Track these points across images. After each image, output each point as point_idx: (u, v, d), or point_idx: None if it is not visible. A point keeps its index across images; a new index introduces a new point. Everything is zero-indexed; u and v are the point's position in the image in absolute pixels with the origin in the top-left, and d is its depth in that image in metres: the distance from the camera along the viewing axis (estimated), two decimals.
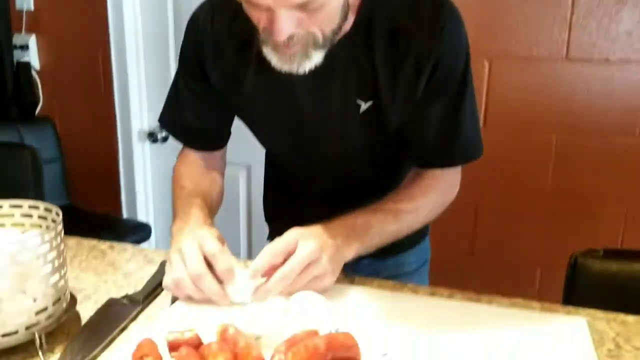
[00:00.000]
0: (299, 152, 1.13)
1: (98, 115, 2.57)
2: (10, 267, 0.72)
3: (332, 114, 1.02)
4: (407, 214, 1.02)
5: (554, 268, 2.12)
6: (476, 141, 1.05)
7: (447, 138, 1.02)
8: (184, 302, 0.88)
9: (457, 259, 2.23)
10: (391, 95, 0.97)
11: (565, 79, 1.97)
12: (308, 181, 1.17)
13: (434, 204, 1.07)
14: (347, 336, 0.67)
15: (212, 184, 1.15)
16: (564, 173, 2.05)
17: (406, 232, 1.05)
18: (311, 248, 0.86)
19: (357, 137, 1.04)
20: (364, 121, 1.00)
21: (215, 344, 0.70)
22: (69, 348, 0.77)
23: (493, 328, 0.83)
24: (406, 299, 0.93)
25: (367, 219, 0.99)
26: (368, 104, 0.98)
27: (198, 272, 0.84)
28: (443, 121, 1.00)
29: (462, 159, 1.06)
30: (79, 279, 1.01)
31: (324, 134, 1.05)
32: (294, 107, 1.02)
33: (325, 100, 1.00)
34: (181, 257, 0.87)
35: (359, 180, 1.13)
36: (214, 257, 0.86)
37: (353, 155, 1.09)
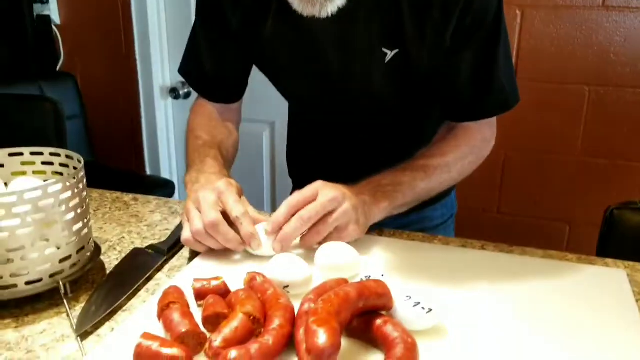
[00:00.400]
0: (322, 104, 1.09)
1: (119, 71, 2.54)
2: (32, 214, 0.71)
3: (355, 63, 0.97)
4: (438, 170, 0.98)
5: (584, 225, 2.08)
6: (510, 90, 0.99)
7: (479, 88, 0.97)
8: (204, 257, 0.86)
9: (483, 215, 2.20)
10: (418, 42, 0.92)
11: (602, 28, 1.88)
12: (332, 135, 1.14)
13: (466, 159, 1.02)
14: (379, 284, 0.64)
15: (228, 136, 1.12)
16: (596, 126, 1.98)
17: (438, 190, 1.01)
18: (333, 194, 0.83)
19: (383, 87, 1.00)
20: (390, 70, 0.95)
21: (243, 292, 0.68)
22: (94, 296, 0.76)
23: (529, 279, 0.80)
24: (437, 250, 0.90)
25: (395, 177, 0.95)
26: (394, 52, 0.93)
27: (213, 219, 0.81)
28: (475, 70, 0.95)
29: (496, 110, 1.00)
30: (103, 229, 0.99)
31: (348, 84, 1.01)
32: (316, 55, 0.98)
33: (348, 48, 0.96)
34: (198, 208, 0.84)
35: (384, 135, 1.09)
36: (237, 220, 0.82)
37: (378, 107, 1.05)
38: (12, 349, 0.66)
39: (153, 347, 0.58)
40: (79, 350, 0.65)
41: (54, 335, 0.68)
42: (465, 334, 0.66)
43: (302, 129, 1.23)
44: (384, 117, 1.07)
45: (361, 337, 0.64)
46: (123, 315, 0.72)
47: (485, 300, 0.74)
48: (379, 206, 0.91)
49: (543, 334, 0.67)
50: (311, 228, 0.82)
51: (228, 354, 0.56)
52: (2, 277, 0.71)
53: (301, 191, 0.84)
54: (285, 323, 0.62)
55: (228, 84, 1.13)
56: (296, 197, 0.83)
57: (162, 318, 0.65)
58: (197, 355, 0.61)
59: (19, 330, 0.69)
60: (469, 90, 0.97)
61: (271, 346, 0.58)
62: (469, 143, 1.02)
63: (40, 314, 0.73)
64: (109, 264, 0.86)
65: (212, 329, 0.64)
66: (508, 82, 0.98)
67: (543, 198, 2.12)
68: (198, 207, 0.84)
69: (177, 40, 2.49)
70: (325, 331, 0.55)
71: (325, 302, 0.60)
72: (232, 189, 0.86)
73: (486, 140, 1.04)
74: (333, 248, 0.79)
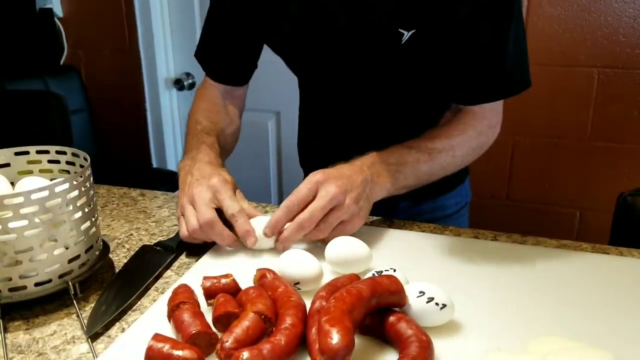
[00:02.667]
0: (336, 86, 1.07)
1: (123, 63, 2.53)
2: (39, 215, 0.70)
3: (370, 44, 0.95)
4: (442, 153, 0.96)
5: (594, 210, 2.06)
6: (519, 74, 0.96)
7: (486, 70, 0.94)
8: (212, 254, 0.86)
9: (492, 202, 2.18)
10: (435, 22, 0.90)
11: (610, 9, 1.85)
12: (344, 120, 1.12)
13: (471, 144, 1.00)
14: (391, 280, 0.63)
15: (228, 124, 1.12)
16: (606, 109, 1.96)
17: (440, 174, 0.99)
18: (332, 193, 0.81)
19: (399, 69, 0.98)
20: (407, 52, 0.93)
21: (253, 290, 0.67)
22: (104, 296, 0.75)
23: (544, 270, 0.79)
24: (449, 241, 0.89)
25: (401, 156, 0.93)
26: (411, 32, 0.91)
27: (208, 218, 0.82)
28: (483, 51, 0.93)
29: (501, 93, 0.98)
30: (110, 227, 0.99)
31: (363, 65, 0.99)
32: (330, 33, 0.97)
33: (363, 29, 0.94)
34: (193, 205, 0.85)
35: (399, 119, 1.07)
36: (232, 218, 0.83)
37: (394, 89, 1.03)
38: (24, 351, 0.65)
39: (164, 349, 0.57)
40: (90, 351, 0.65)
41: (64, 337, 0.68)
42: (480, 329, 0.65)
43: (314, 115, 1.21)
44: (400, 100, 1.05)
45: (375, 335, 0.63)
46: (133, 315, 0.72)
47: (500, 293, 0.73)
48: (382, 185, 0.90)
49: (560, 326, 0.66)
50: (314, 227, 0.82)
51: (240, 355, 0.55)
52: (11, 279, 0.70)
53: (298, 189, 0.83)
54: (297, 322, 0.61)
55: (237, 64, 1.13)
56: (293, 199, 0.82)
57: (172, 318, 0.64)
58: (209, 356, 0.60)
59: (30, 333, 0.69)
60: (476, 72, 0.95)
61: (283, 346, 0.58)
62: (475, 128, 1.00)
63: (50, 315, 0.72)
64: (118, 262, 0.86)
65: (223, 329, 0.63)
66: (517, 66, 0.96)
67: (552, 184, 2.10)
68: (193, 204, 0.85)
69: (180, 32, 2.47)
70: (338, 331, 0.54)
71: (338, 300, 0.59)
72: (227, 186, 0.87)
73: (491, 126, 1.02)
74: (343, 243, 0.78)
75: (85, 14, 2.52)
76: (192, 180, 0.89)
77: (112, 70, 2.57)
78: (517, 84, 0.97)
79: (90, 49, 2.58)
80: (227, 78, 1.14)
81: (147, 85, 2.54)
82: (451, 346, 0.62)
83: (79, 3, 2.52)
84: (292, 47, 1.06)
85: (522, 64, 0.97)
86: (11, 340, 0.67)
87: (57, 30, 2.54)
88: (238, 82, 1.15)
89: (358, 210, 0.85)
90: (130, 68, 2.53)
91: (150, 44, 2.47)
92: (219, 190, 0.85)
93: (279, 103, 2.31)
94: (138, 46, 2.49)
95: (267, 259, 0.82)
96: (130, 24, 2.47)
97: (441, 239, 0.89)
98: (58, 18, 2.53)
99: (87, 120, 2.47)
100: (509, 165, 2.13)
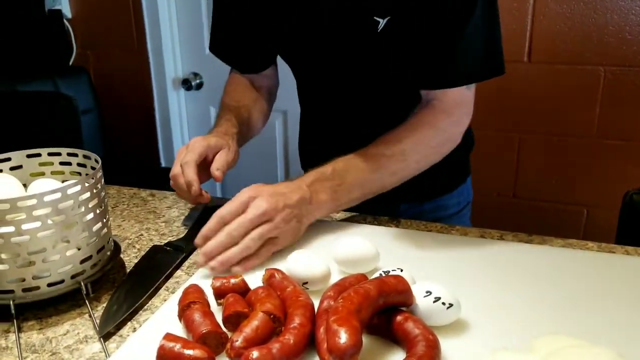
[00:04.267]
0: (324, 80, 1.09)
1: (131, 63, 2.55)
2: (52, 216, 0.71)
3: (347, 32, 0.96)
4: (391, 159, 0.93)
5: (601, 208, 2.06)
6: (482, 61, 0.92)
7: (439, 51, 0.91)
8: None
9: (498, 200, 2.18)
10: (408, 9, 0.89)
11: (617, 7, 1.85)
12: (335, 116, 1.13)
13: (429, 144, 0.96)
14: (398, 280, 0.64)
15: (254, 100, 1.16)
16: (612, 107, 1.95)
17: (394, 181, 0.95)
18: (262, 208, 0.80)
19: (379, 57, 0.97)
20: (383, 40, 0.93)
21: (262, 290, 0.68)
22: (115, 296, 0.77)
23: (550, 270, 0.79)
24: (455, 241, 0.90)
25: (344, 168, 0.90)
26: (386, 19, 0.91)
27: (173, 173, 0.94)
28: (439, 32, 0.90)
29: (458, 79, 0.92)
30: (121, 227, 1.00)
31: (343, 54, 1.00)
32: (312, 23, 0.99)
33: (339, 16, 0.95)
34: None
35: (386, 114, 1.05)
36: (182, 168, 0.93)
37: (378, 78, 1.02)
38: (37, 351, 0.67)
39: (175, 348, 0.58)
40: (102, 351, 0.66)
41: (77, 337, 0.69)
42: (487, 328, 0.66)
43: (309, 112, 1.23)
44: (385, 93, 1.04)
45: (382, 334, 0.64)
46: (144, 315, 0.73)
47: (506, 293, 0.74)
48: (321, 204, 0.88)
49: (566, 325, 0.67)
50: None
51: (250, 354, 0.56)
52: (25, 280, 0.72)
53: (231, 202, 0.82)
54: (305, 321, 0.62)
55: (252, 53, 1.16)
56: (224, 211, 0.82)
57: (183, 318, 0.66)
58: (219, 355, 0.62)
59: (43, 332, 0.70)
60: (429, 54, 0.92)
61: (292, 345, 0.59)
62: (433, 125, 0.95)
63: (63, 315, 0.74)
64: (129, 262, 0.87)
65: (233, 328, 0.64)
66: (480, 52, 0.91)
67: (559, 181, 2.10)
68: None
69: (187, 32, 2.48)
70: (346, 330, 0.55)
71: (345, 300, 0.60)
72: (196, 143, 0.95)
73: (455, 122, 0.97)
74: (351, 243, 0.79)
75: (94, 15, 2.53)
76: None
77: (120, 70, 2.59)
78: (476, 71, 0.93)
79: (99, 49, 2.59)
80: (247, 66, 1.18)
81: (155, 85, 2.56)
82: (458, 345, 0.63)
83: (88, 4, 2.53)
84: (280, 38, 1.08)
85: (487, 51, 0.92)
86: (25, 340, 0.69)
87: (66, 31, 2.55)
88: (259, 69, 1.18)
89: (288, 229, 0.83)
90: (139, 68, 2.54)
91: (158, 44, 2.48)
92: (189, 145, 0.95)
93: (286, 102, 2.31)
94: (146, 46, 2.50)
95: (275, 259, 0.83)
96: (138, 24, 2.48)
97: (448, 239, 0.90)
98: (67, 19, 2.55)
99: (96, 120, 2.48)
100: (516, 163, 2.13)
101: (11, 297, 0.72)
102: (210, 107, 2.51)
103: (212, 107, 2.50)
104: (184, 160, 0.93)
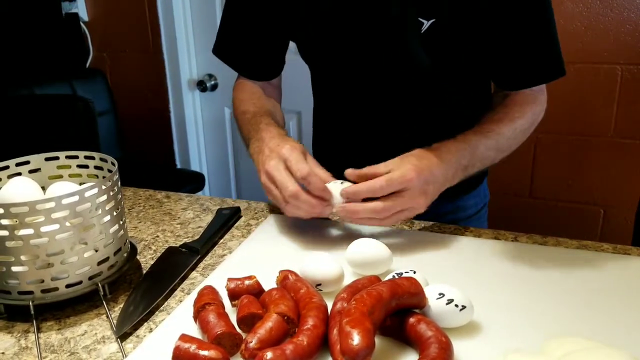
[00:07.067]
0: (355, 81, 1.06)
1: (147, 66, 2.57)
2: (70, 219, 0.73)
3: (390, 32, 0.95)
4: (506, 137, 0.97)
5: (618, 208, 2.04)
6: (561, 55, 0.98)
7: (538, 51, 0.95)
8: (237, 255, 0.88)
9: (514, 200, 2.17)
10: (456, 10, 0.90)
11: (634, 5, 1.83)
12: (361, 120, 1.11)
13: (528, 128, 1.01)
14: (411, 282, 0.65)
15: (274, 106, 1.12)
16: (630, 106, 1.94)
17: (499, 159, 0.99)
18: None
19: (420, 59, 0.97)
20: (427, 41, 0.94)
21: (276, 291, 0.69)
22: (132, 297, 0.78)
23: (564, 272, 0.79)
24: (469, 243, 0.90)
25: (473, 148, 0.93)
26: (430, 21, 0.91)
27: (291, 192, 0.82)
28: (532, 32, 0.94)
29: (554, 73, 0.98)
30: (137, 228, 1.01)
31: (383, 54, 0.99)
32: (352, 23, 0.97)
33: (383, 15, 0.94)
34: (271, 181, 0.86)
35: (417, 120, 1.06)
36: (304, 180, 0.83)
37: (414, 82, 1.02)
38: (56, 351, 0.68)
39: (191, 349, 0.59)
40: (119, 351, 0.67)
41: (95, 337, 0.70)
42: (499, 330, 0.66)
43: (329, 116, 1.21)
44: (420, 96, 1.04)
45: (395, 336, 0.64)
46: (160, 316, 0.74)
47: (519, 294, 0.74)
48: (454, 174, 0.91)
49: (578, 327, 0.67)
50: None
51: (264, 355, 0.57)
52: (44, 281, 0.73)
53: (391, 179, 0.83)
54: (319, 323, 0.63)
55: (266, 59, 1.13)
56: (380, 187, 0.83)
57: (198, 319, 0.67)
58: (234, 356, 0.62)
59: (62, 333, 0.71)
60: (528, 54, 0.96)
61: (306, 347, 0.59)
62: (532, 110, 1.01)
63: (81, 315, 0.75)
64: (145, 264, 0.88)
65: (247, 329, 0.65)
66: (559, 47, 0.97)
67: (576, 181, 2.08)
68: (273, 182, 0.86)
69: (202, 33, 2.50)
70: (359, 332, 0.55)
71: (358, 302, 0.60)
72: (295, 152, 0.87)
73: (543, 109, 1.03)
74: (364, 245, 0.79)
75: (110, 18, 2.56)
76: (264, 157, 0.89)
77: (136, 72, 2.61)
78: (562, 63, 0.98)
79: (115, 51, 2.62)
80: (257, 75, 1.15)
81: (171, 87, 2.58)
82: (470, 347, 0.63)
83: (104, 7, 2.56)
84: (313, 38, 1.05)
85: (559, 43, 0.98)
86: (44, 340, 0.70)
87: (82, 34, 2.59)
88: (269, 77, 1.16)
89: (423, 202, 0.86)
90: (154, 70, 2.57)
91: (174, 46, 2.50)
92: (287, 157, 0.85)
93: (301, 103, 2.32)
94: (161, 48, 2.52)
95: (289, 261, 0.84)
96: (154, 26, 2.50)
97: (461, 240, 0.90)
98: (83, 22, 2.58)
99: (113, 122, 2.51)
100: (532, 163, 2.12)
101: (31, 298, 0.73)
102: (225, 109, 2.53)
103: (227, 108, 2.51)
104: (302, 173, 0.83)
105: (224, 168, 2.68)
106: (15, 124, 2.10)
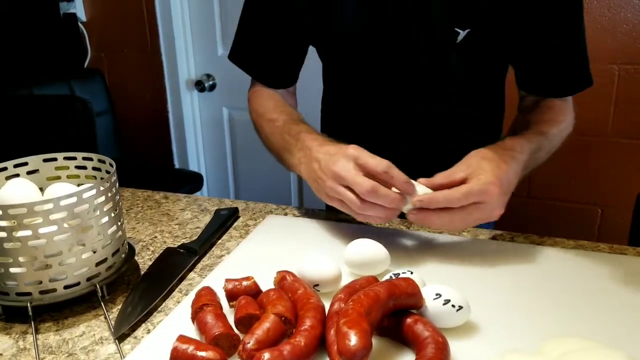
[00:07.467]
0: (382, 86, 1.03)
1: (145, 66, 2.57)
2: (68, 220, 0.73)
3: (426, 41, 0.95)
4: (553, 140, 0.98)
5: (616, 208, 2.05)
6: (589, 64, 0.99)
7: (574, 60, 0.97)
8: (234, 256, 0.88)
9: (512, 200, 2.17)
10: (492, 20, 0.90)
11: (630, 5, 1.84)
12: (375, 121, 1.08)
13: (565, 134, 1.02)
14: (408, 283, 0.65)
15: (299, 115, 1.05)
16: (627, 106, 1.94)
17: (543, 161, 0.99)
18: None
19: (455, 68, 0.97)
20: (462, 51, 0.94)
21: (273, 292, 0.69)
22: (130, 298, 0.78)
23: (561, 272, 0.79)
24: (466, 243, 0.90)
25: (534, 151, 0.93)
26: (466, 31, 0.91)
27: (368, 187, 0.76)
28: (568, 42, 0.95)
29: (588, 82, 0.99)
30: (135, 229, 1.02)
31: (415, 63, 0.98)
32: (385, 29, 0.96)
33: (419, 25, 0.94)
34: (341, 182, 0.79)
35: (434, 116, 1.04)
36: (386, 175, 0.77)
37: (445, 90, 1.01)
38: (54, 352, 0.68)
39: (189, 350, 0.59)
40: (117, 352, 0.67)
41: (93, 338, 0.70)
42: (497, 331, 0.66)
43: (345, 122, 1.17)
44: (442, 99, 1.03)
45: (392, 337, 0.65)
46: (158, 317, 0.74)
47: (516, 295, 0.74)
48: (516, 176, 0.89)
49: (576, 327, 0.67)
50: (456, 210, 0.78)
51: (261, 356, 0.57)
52: (42, 282, 0.73)
53: (471, 188, 0.78)
54: (316, 324, 0.63)
55: (286, 66, 1.10)
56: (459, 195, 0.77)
57: (196, 320, 0.67)
58: (231, 356, 0.62)
59: (60, 334, 0.72)
60: (565, 64, 0.97)
61: (303, 347, 0.60)
62: (568, 116, 1.02)
63: (79, 316, 0.75)
64: (143, 265, 0.89)
65: (245, 330, 0.65)
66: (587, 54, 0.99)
67: (573, 181, 2.09)
68: (342, 183, 0.79)
69: (200, 34, 2.50)
70: (356, 333, 0.55)
71: (356, 303, 0.60)
72: (364, 150, 0.81)
73: (574, 116, 1.04)
74: (361, 245, 0.80)
75: (108, 18, 2.57)
76: (323, 163, 0.82)
77: (134, 72, 2.61)
78: (590, 74, 0.99)
79: (113, 52, 2.62)
80: (276, 84, 1.11)
81: (169, 87, 2.58)
82: (467, 348, 0.63)
83: (102, 8, 2.56)
84: (342, 43, 1.02)
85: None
86: (42, 341, 0.70)
87: (80, 35, 2.59)
88: (287, 84, 1.12)
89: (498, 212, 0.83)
90: (152, 70, 2.57)
91: (172, 47, 2.51)
92: (358, 156, 0.79)
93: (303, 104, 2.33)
94: (160, 48, 2.53)
95: (287, 261, 0.84)
96: (152, 26, 2.50)
97: (458, 241, 0.91)
98: (81, 22, 2.58)
99: (111, 122, 2.51)
100: None
101: (29, 299, 0.74)
102: (223, 109, 2.53)
103: (225, 108, 2.52)
104: (383, 166, 0.77)
105: (222, 168, 2.68)
106: (13, 124, 2.10)
